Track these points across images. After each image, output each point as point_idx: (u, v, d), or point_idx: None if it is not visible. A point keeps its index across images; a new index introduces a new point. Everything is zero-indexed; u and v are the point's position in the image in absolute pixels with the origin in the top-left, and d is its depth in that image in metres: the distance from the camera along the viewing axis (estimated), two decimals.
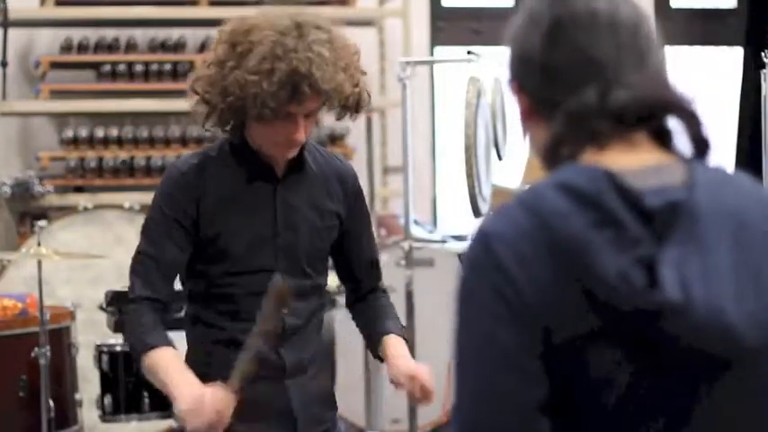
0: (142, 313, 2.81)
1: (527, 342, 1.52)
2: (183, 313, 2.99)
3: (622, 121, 1.58)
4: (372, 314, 3.04)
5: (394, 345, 2.94)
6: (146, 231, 2.86)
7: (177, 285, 2.92)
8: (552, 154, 1.62)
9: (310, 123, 2.81)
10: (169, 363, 2.75)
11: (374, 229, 5.73)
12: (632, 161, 1.59)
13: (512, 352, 1.52)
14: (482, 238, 1.55)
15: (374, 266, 3.08)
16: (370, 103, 2.91)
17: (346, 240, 2.98)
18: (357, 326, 3.08)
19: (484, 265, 1.54)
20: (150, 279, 2.82)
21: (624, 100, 1.58)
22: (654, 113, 1.60)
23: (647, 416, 1.56)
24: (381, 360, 2.97)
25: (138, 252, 2.85)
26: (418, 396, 2.84)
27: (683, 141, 1.61)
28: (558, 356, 1.54)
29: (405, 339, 2.98)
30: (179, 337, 2.90)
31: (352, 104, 2.84)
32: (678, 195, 1.55)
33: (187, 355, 2.90)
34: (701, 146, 1.61)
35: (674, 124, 1.63)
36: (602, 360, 1.54)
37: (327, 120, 2.97)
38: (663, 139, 1.62)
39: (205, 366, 2.81)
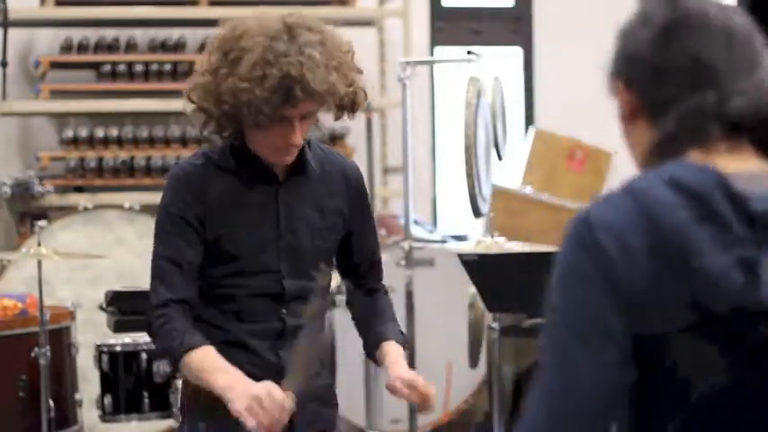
0: (172, 316, 2.79)
1: (624, 324, 1.57)
2: None
3: (736, 127, 1.62)
4: (372, 315, 3.02)
5: (393, 353, 2.92)
6: (158, 236, 2.85)
7: None
8: (659, 151, 1.64)
9: (307, 125, 2.81)
10: (214, 362, 2.73)
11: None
12: (740, 166, 1.62)
13: (612, 329, 1.57)
14: (587, 223, 1.60)
15: (377, 264, 3.08)
16: (368, 104, 2.90)
17: (350, 237, 2.98)
18: (355, 324, 3.06)
19: (588, 248, 1.58)
20: (172, 282, 2.81)
21: (742, 107, 1.62)
22: (765, 124, 1.63)
23: (730, 418, 1.60)
24: (377, 363, 2.96)
25: (156, 257, 2.84)
26: (420, 404, 2.83)
27: None
28: (647, 349, 1.58)
29: (404, 346, 2.96)
30: None
31: (348, 104, 2.83)
32: None
33: None
34: None
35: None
36: (691, 358, 1.58)
37: (327, 120, 2.96)
38: (763, 148, 1.66)
39: None
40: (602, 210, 1.60)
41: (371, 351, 2.98)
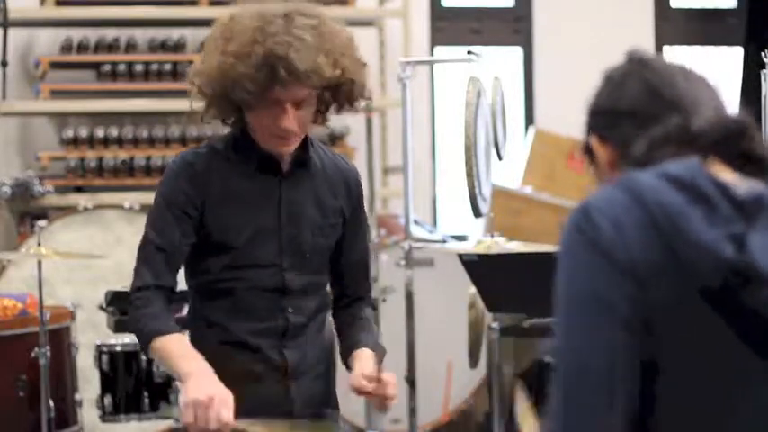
0: (151, 300, 2.80)
1: (627, 295, 1.67)
2: (185, 312, 2.98)
3: (701, 144, 1.74)
4: (350, 323, 3.00)
5: (363, 357, 2.89)
6: (151, 220, 2.86)
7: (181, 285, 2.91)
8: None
9: (304, 116, 2.80)
10: (180, 349, 2.74)
11: (374, 229, 5.76)
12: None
13: (615, 303, 1.66)
14: (581, 210, 1.73)
15: (364, 275, 3.06)
16: (368, 104, 2.90)
17: (341, 242, 2.97)
18: (336, 332, 3.04)
19: (584, 231, 1.70)
20: (157, 267, 2.82)
21: (704, 126, 1.75)
22: (729, 139, 1.75)
23: (714, 387, 1.70)
24: (348, 369, 2.93)
25: (144, 241, 2.85)
26: (378, 403, 2.80)
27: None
28: (642, 323, 1.68)
29: (380, 357, 2.92)
30: None
31: (344, 94, 2.82)
32: (763, 190, 1.70)
33: None
34: None
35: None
36: (682, 333, 1.68)
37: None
38: (730, 165, 1.77)
39: (211, 366, 2.79)
40: (594, 197, 1.73)
41: (345, 358, 2.95)
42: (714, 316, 1.67)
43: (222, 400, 2.60)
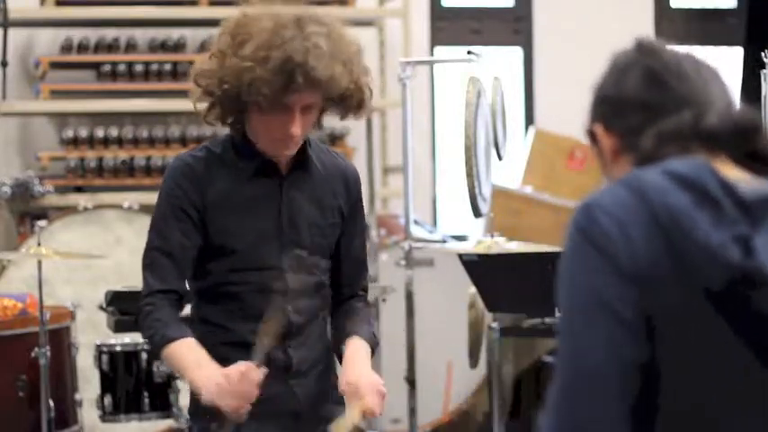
0: (158, 307, 2.80)
1: (628, 297, 1.64)
2: (187, 312, 2.98)
3: (712, 141, 1.72)
4: (344, 316, 2.99)
5: (353, 347, 2.89)
6: (154, 225, 2.86)
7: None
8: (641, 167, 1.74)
9: (308, 121, 2.80)
10: (190, 354, 2.76)
11: (374, 229, 5.76)
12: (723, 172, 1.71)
13: (614, 304, 1.64)
14: (585, 208, 1.70)
15: (361, 272, 3.05)
16: (371, 103, 2.90)
17: (339, 240, 2.97)
18: (331, 327, 3.01)
19: (587, 230, 1.67)
20: (162, 272, 2.82)
21: (716, 122, 1.73)
22: (740, 137, 1.74)
23: (722, 392, 1.68)
24: (340, 360, 2.92)
25: (148, 247, 2.85)
26: (359, 408, 2.75)
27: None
28: (646, 327, 1.65)
29: (372, 347, 2.92)
30: None
31: (354, 103, 2.83)
32: None
33: None
34: None
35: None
36: (685, 336, 1.65)
37: (328, 120, 2.96)
38: (738, 162, 1.76)
39: None
40: (598, 196, 1.71)
41: (337, 348, 2.94)
42: (719, 319, 1.65)
43: (233, 370, 2.65)
